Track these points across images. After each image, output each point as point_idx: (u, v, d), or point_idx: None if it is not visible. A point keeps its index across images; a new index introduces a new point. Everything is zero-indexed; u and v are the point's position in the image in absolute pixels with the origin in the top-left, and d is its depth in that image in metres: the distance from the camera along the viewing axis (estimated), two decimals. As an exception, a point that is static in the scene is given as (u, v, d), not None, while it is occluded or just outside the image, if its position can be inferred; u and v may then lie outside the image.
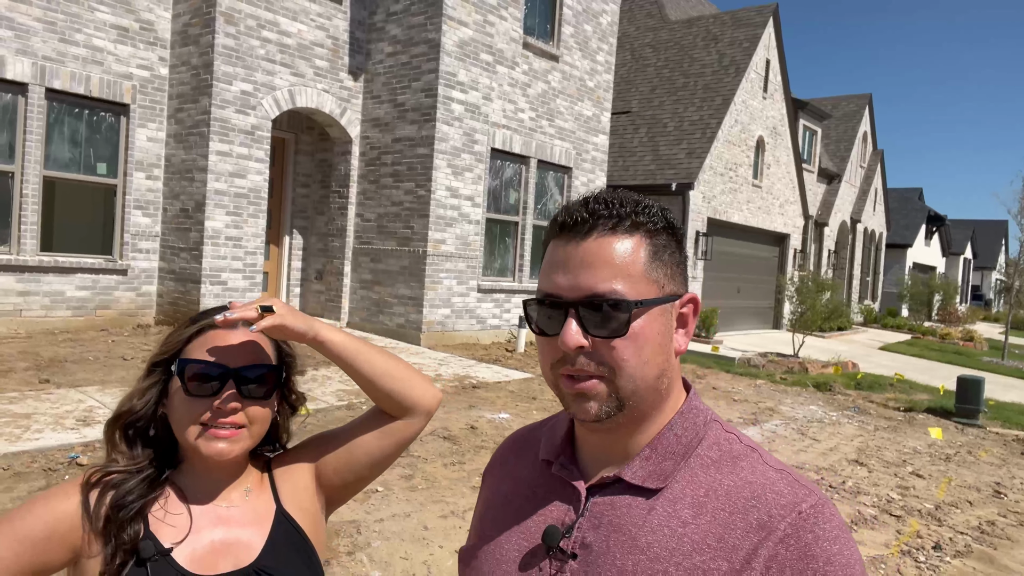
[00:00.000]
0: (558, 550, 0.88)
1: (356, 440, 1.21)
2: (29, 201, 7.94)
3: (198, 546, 1.07)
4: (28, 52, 7.82)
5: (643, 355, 0.85)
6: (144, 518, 1.05)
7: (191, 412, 1.06)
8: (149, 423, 1.11)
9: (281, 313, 1.08)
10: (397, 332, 9.78)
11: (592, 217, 0.86)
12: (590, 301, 0.83)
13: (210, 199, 8.56)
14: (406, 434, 1.22)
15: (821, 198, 22.69)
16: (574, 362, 0.85)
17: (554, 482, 0.95)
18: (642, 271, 0.85)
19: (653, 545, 0.83)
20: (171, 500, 1.09)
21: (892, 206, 30.83)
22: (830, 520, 0.81)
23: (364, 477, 1.24)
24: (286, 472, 1.20)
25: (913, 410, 9.10)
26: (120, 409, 1.11)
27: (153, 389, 1.11)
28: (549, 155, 11.31)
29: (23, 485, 3.85)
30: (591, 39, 11.91)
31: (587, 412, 0.86)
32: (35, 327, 7.97)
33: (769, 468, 0.86)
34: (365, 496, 4.23)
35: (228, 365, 1.07)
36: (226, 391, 1.06)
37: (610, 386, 0.85)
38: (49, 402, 5.26)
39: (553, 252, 0.88)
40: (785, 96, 18.09)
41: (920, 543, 4.60)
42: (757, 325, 18.32)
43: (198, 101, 8.62)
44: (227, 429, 1.06)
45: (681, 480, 0.87)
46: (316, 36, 9.58)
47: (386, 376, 1.18)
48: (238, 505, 1.13)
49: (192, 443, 1.06)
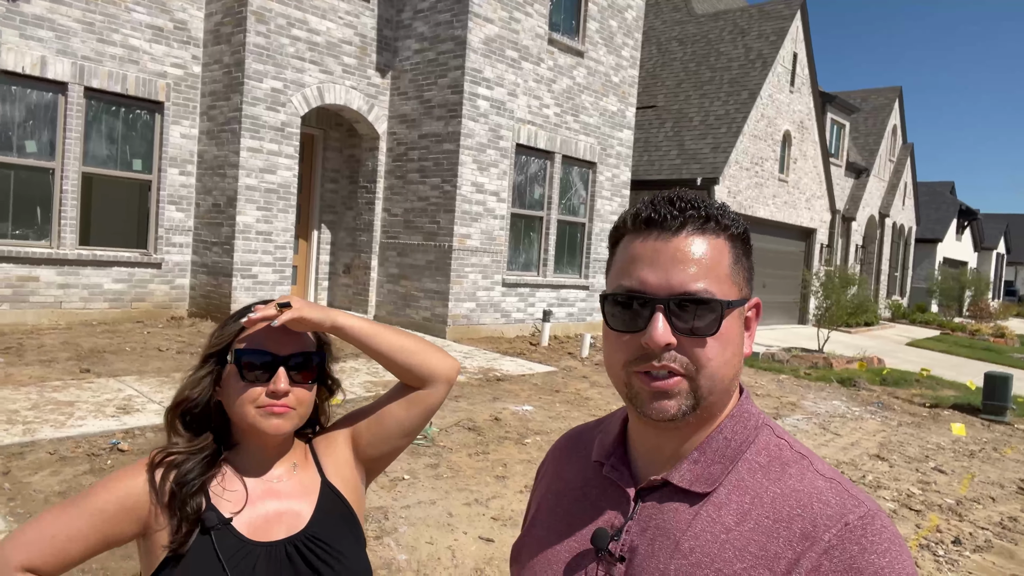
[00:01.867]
0: (607, 553, 0.88)
1: (386, 412, 1.33)
2: (69, 197, 8.21)
3: (254, 516, 1.19)
4: (68, 52, 8.07)
5: (725, 355, 0.86)
6: (205, 492, 1.18)
7: (248, 395, 1.18)
8: (205, 409, 1.23)
9: (298, 307, 1.20)
10: (423, 325, 9.94)
11: (682, 214, 0.85)
12: (682, 299, 0.83)
13: (241, 194, 8.77)
14: (430, 401, 1.33)
15: (849, 192, 22.45)
16: (659, 359, 0.83)
17: (605, 484, 0.95)
18: (727, 272, 0.86)
19: (695, 550, 0.83)
20: (228, 476, 1.21)
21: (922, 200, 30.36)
22: (880, 532, 0.78)
23: (397, 446, 1.36)
24: (327, 448, 1.32)
25: (939, 406, 9.05)
26: (179, 397, 1.23)
27: (207, 378, 1.22)
28: (574, 150, 11.38)
29: (68, 469, 4.05)
30: (616, 34, 11.94)
31: (665, 411, 0.85)
32: (74, 319, 8.25)
33: (819, 476, 0.85)
34: (392, 484, 4.38)
35: (278, 354, 1.20)
36: (278, 376, 1.18)
37: (691, 385, 0.84)
38: (90, 391, 5.48)
39: (635, 247, 0.87)
40: (812, 90, 17.92)
41: (939, 537, 4.63)
42: (782, 320, 18.23)
43: (230, 98, 8.83)
44: (280, 407, 1.19)
45: (728, 485, 0.86)
46: (344, 34, 9.74)
47: (402, 351, 1.30)
48: (287, 479, 1.25)
49: (249, 422, 1.18)
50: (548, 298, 11.20)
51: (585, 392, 7.50)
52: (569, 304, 11.60)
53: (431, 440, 5.22)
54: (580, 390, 7.57)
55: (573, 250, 11.79)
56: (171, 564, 1.13)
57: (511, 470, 4.83)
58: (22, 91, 7.87)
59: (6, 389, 5.30)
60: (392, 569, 3.42)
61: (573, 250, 11.79)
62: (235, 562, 1.14)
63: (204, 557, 1.13)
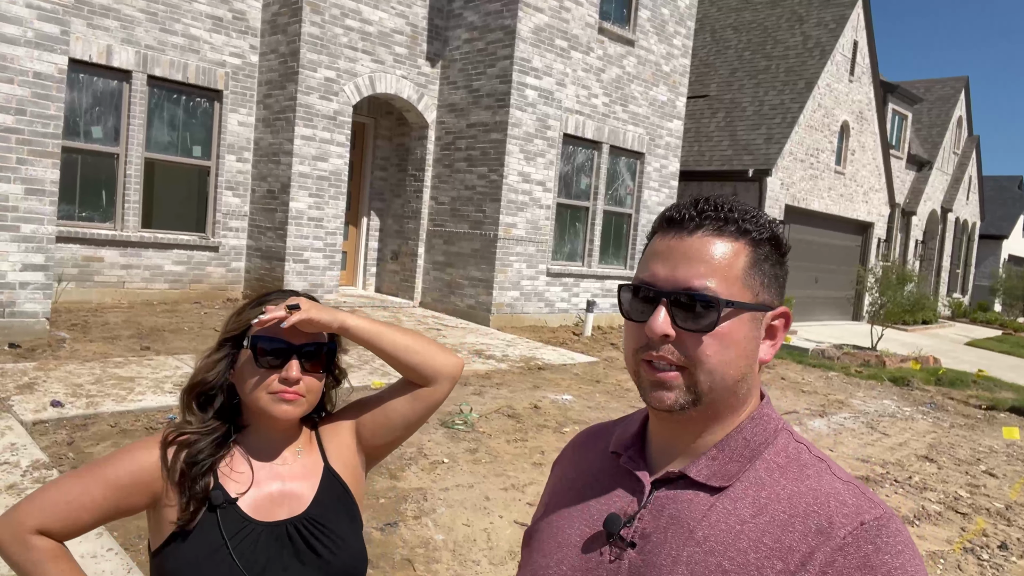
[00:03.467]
0: (618, 538, 0.90)
1: (390, 404, 1.39)
2: (132, 181, 8.55)
3: (259, 496, 1.26)
4: (132, 41, 8.39)
5: (726, 355, 0.86)
6: (214, 472, 1.24)
7: (262, 380, 1.24)
8: (219, 391, 1.29)
9: (306, 309, 1.25)
10: (467, 313, 10.06)
11: (700, 216, 0.88)
12: (683, 294, 0.86)
13: (294, 181, 9.00)
14: (434, 398, 1.39)
15: (909, 186, 21.74)
16: (657, 349, 0.87)
17: (620, 473, 0.97)
18: (739, 275, 0.87)
19: (709, 539, 0.84)
20: (236, 458, 1.28)
21: (987, 195, 29.20)
22: (895, 535, 0.79)
23: (399, 437, 1.41)
24: (331, 434, 1.38)
25: (995, 408, 8.77)
26: (194, 379, 1.29)
27: (223, 362, 1.28)
28: (622, 141, 11.32)
29: (128, 440, 4.27)
30: (668, 22, 11.80)
31: (661, 401, 0.88)
32: (136, 298, 8.62)
33: (836, 479, 0.86)
34: (432, 467, 4.49)
35: (292, 343, 1.26)
36: (291, 364, 1.24)
37: (688, 379, 0.87)
38: (150, 367, 5.75)
39: (656, 244, 0.91)
40: (873, 79, 17.39)
41: (985, 541, 4.53)
42: (835, 316, 17.82)
43: (285, 87, 9.05)
44: (291, 394, 1.24)
45: (745, 481, 0.88)
46: (396, 23, 9.87)
47: (408, 351, 1.35)
48: (291, 462, 1.31)
49: (261, 406, 1.24)
50: (592, 289, 11.21)
51: (626, 383, 7.51)
52: (613, 295, 11.57)
53: (471, 426, 5.32)
54: (621, 381, 7.58)
55: (619, 241, 11.74)
56: (178, 538, 1.20)
57: (548, 457, 4.90)
58: (89, 79, 8.21)
59: (72, 364, 5.59)
60: (429, 548, 3.53)
61: (619, 241, 11.74)
62: (238, 540, 1.21)
63: (209, 533, 1.20)
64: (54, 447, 4.08)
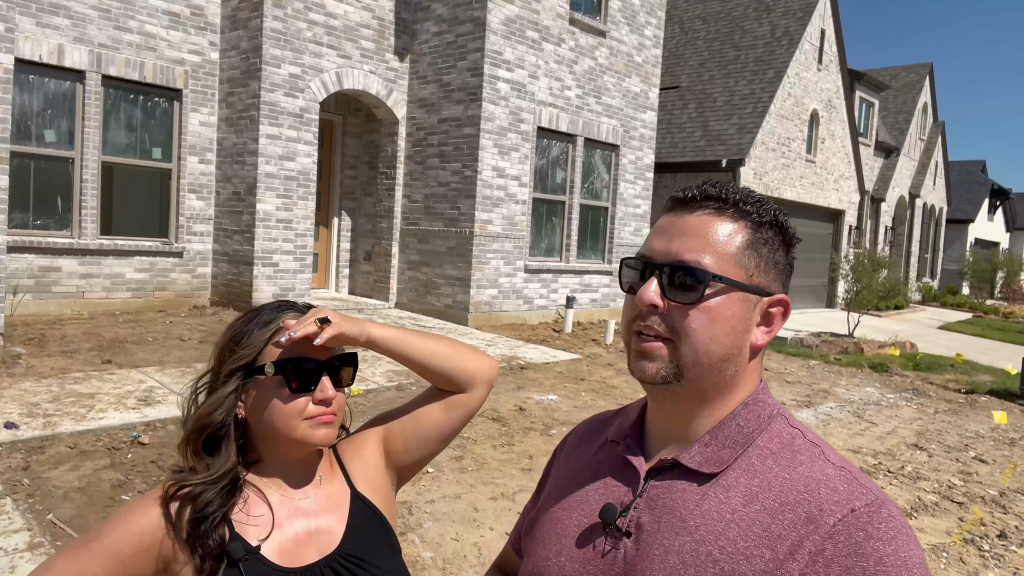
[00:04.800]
0: (614, 527, 0.91)
1: (422, 416, 1.24)
2: (89, 186, 8.17)
3: (283, 540, 1.10)
4: (84, 40, 8.01)
5: (711, 331, 0.87)
6: (228, 521, 1.08)
7: (295, 407, 1.09)
8: (227, 430, 1.12)
9: (337, 323, 1.11)
10: (445, 313, 9.83)
11: (702, 196, 0.91)
12: (674, 266, 0.87)
13: (261, 182, 8.68)
14: (470, 405, 1.25)
15: (878, 173, 21.94)
16: (645, 319, 0.88)
17: (617, 462, 0.97)
18: (733, 253, 0.88)
19: (700, 528, 0.84)
20: (251, 500, 1.11)
21: (953, 180, 29.65)
22: (887, 520, 0.79)
23: (433, 451, 1.27)
24: (354, 454, 1.23)
25: (975, 392, 8.79)
26: (200, 423, 1.11)
27: (233, 395, 1.11)
28: (596, 133, 11.15)
29: (88, 463, 3.99)
30: (639, 12, 11.65)
31: (644, 371, 0.89)
32: (97, 308, 8.25)
33: (829, 464, 0.86)
34: (416, 478, 4.27)
35: (320, 359, 1.11)
36: (323, 383, 1.10)
37: (672, 352, 0.87)
38: (111, 382, 5.44)
39: (659, 222, 0.94)
40: (841, 67, 17.46)
41: (984, 531, 4.45)
42: (810, 304, 17.90)
43: (248, 85, 8.73)
44: (328, 415, 1.10)
45: (737, 469, 0.88)
46: (362, 17, 9.58)
47: (437, 357, 1.22)
48: (313, 495, 1.16)
49: (298, 437, 1.09)
50: (571, 284, 11.04)
51: (611, 380, 7.35)
52: (592, 290, 11.42)
53: (455, 431, 5.11)
54: (606, 378, 7.42)
55: (596, 235, 11.59)
56: None
57: (537, 462, 4.71)
58: (40, 80, 7.82)
59: (27, 381, 5.27)
60: (417, 567, 3.32)
61: (596, 235, 11.59)
62: None
63: None
64: (8, 473, 3.79)
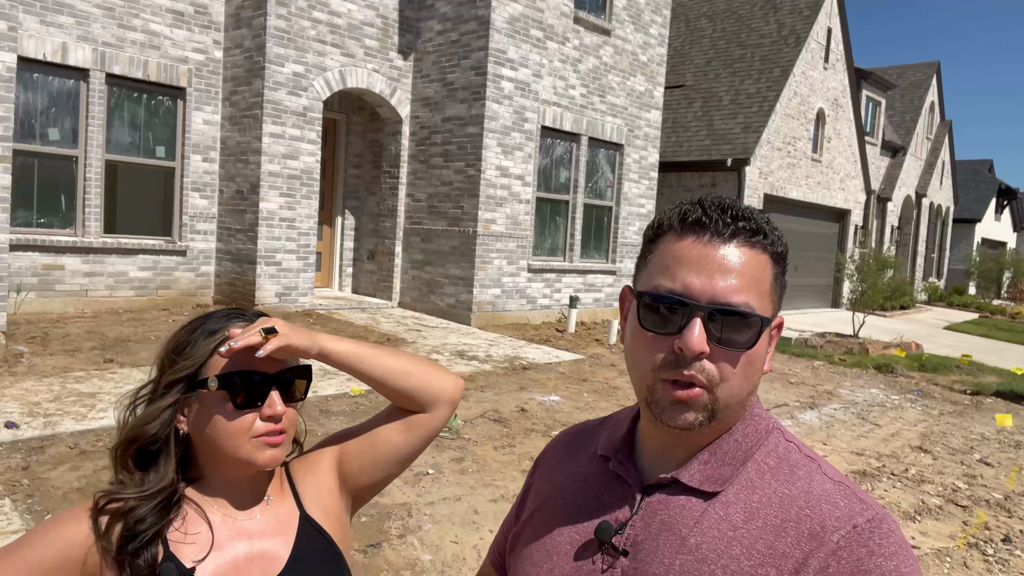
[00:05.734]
0: (610, 546, 0.88)
1: (380, 436, 1.16)
2: (92, 184, 8.18)
3: (222, 563, 1.03)
4: (88, 38, 8.01)
5: (749, 371, 0.85)
6: (163, 539, 1.01)
7: (240, 424, 1.02)
8: (163, 444, 1.05)
9: (285, 333, 1.04)
10: (448, 312, 9.82)
11: (735, 223, 0.84)
12: (725, 310, 0.82)
13: (264, 181, 8.68)
14: (432, 426, 1.17)
15: (884, 172, 21.83)
16: (689, 367, 0.82)
17: (610, 478, 0.95)
18: (768, 290, 0.86)
19: (701, 546, 0.83)
20: (189, 517, 1.04)
21: (960, 179, 29.50)
22: (888, 536, 0.79)
23: (391, 473, 1.19)
24: (307, 474, 1.15)
25: (981, 393, 8.73)
26: (132, 433, 1.04)
27: (171, 409, 1.04)
28: (600, 132, 11.12)
29: (88, 464, 3.99)
30: (644, 11, 11.61)
31: (684, 420, 0.84)
32: (100, 307, 8.26)
33: (827, 479, 0.85)
34: (416, 479, 4.26)
35: (268, 372, 1.04)
36: (271, 399, 1.03)
37: (710, 397, 0.84)
38: (113, 381, 5.44)
39: (681, 249, 0.84)
40: (847, 66, 17.37)
41: (988, 535, 4.41)
42: (815, 304, 17.83)
43: (251, 83, 8.72)
44: (276, 436, 1.03)
45: (736, 485, 0.86)
46: (366, 15, 9.56)
47: (398, 375, 1.14)
48: (259, 515, 1.08)
49: (242, 456, 1.03)
50: (575, 284, 11.01)
51: (613, 381, 7.33)
52: (596, 289, 11.39)
53: (456, 432, 5.10)
54: (608, 379, 7.40)
55: (600, 234, 11.56)
56: None
57: (538, 464, 4.68)
58: (44, 78, 7.83)
59: (29, 380, 5.27)
60: (416, 570, 3.30)
61: (600, 234, 11.56)
62: None
63: None
64: (7, 473, 3.79)
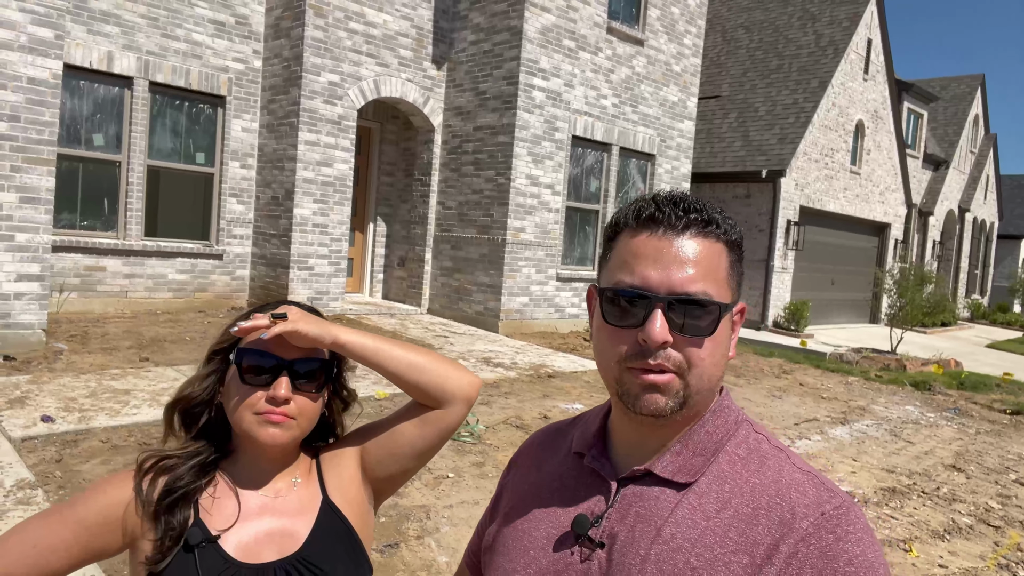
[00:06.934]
0: (587, 539, 0.90)
1: (397, 430, 1.21)
2: (135, 189, 8.43)
3: (245, 534, 1.09)
4: (133, 47, 8.28)
5: (715, 356, 0.87)
6: (195, 505, 1.09)
7: (247, 399, 1.09)
8: (206, 409, 1.15)
9: (294, 319, 1.09)
10: (476, 319, 9.87)
11: (687, 215, 0.87)
12: (683, 299, 0.85)
13: (299, 187, 8.85)
14: (446, 422, 1.21)
15: (926, 185, 21.38)
16: (654, 357, 0.85)
17: (585, 474, 0.97)
18: (725, 276, 0.89)
19: (676, 536, 0.85)
20: (221, 488, 1.12)
21: (1005, 194, 28.74)
22: (854, 523, 0.81)
23: (408, 468, 1.24)
24: (333, 463, 1.22)
25: (1021, 413, 8.48)
26: (180, 394, 1.15)
27: (212, 376, 1.15)
28: (632, 142, 11.11)
29: (119, 458, 4.11)
30: (678, 22, 11.59)
31: (654, 404, 0.86)
32: (139, 308, 8.49)
33: (796, 469, 0.88)
34: (436, 481, 4.29)
35: (283, 357, 1.10)
36: (279, 382, 1.09)
37: (681, 383, 0.86)
38: (147, 379, 5.59)
39: (637, 244, 0.88)
40: (888, 78, 17.10)
41: (1021, 557, 4.28)
42: (852, 319, 17.49)
43: (288, 92, 8.91)
44: (276, 416, 1.09)
45: (709, 475, 0.88)
46: (401, 26, 9.71)
47: (413, 370, 1.18)
48: (285, 495, 1.15)
49: (244, 428, 1.09)
50: (604, 293, 10.97)
51: (639, 391, 7.28)
52: (626, 299, 11.34)
53: (478, 437, 5.13)
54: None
55: (631, 244, 11.51)
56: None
57: (558, 471, 4.68)
58: (90, 86, 8.10)
59: (67, 376, 5.44)
60: (432, 571, 3.33)
61: (631, 244, 11.51)
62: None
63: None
64: (41, 465, 3.92)
